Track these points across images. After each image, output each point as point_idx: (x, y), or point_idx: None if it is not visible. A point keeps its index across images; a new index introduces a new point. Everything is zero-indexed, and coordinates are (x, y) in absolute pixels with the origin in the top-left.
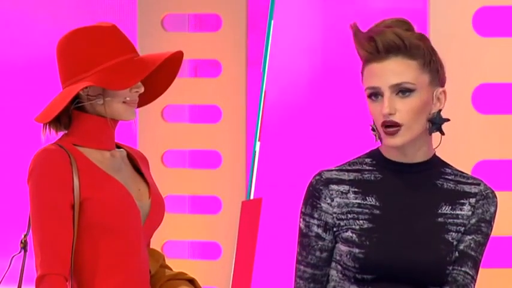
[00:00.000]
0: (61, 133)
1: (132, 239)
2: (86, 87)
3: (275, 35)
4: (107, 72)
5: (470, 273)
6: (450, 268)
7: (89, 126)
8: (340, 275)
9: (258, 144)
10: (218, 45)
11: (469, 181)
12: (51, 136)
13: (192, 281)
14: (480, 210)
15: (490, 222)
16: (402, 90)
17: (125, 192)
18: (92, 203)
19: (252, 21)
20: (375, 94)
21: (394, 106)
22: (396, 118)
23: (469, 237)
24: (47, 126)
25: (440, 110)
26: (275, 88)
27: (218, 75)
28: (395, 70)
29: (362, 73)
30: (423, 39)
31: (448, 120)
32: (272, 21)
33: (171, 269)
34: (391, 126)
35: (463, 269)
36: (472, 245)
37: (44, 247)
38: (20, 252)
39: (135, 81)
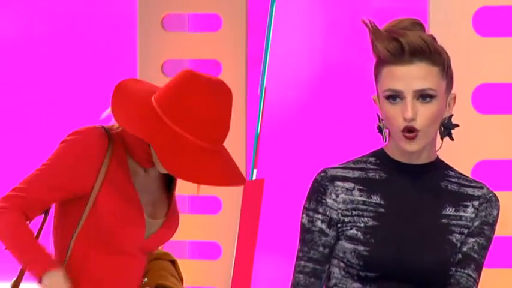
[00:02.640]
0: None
1: (127, 248)
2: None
3: (275, 35)
4: (171, 140)
5: (473, 275)
6: (453, 269)
7: (133, 142)
8: (343, 272)
9: (255, 171)
10: (218, 45)
11: (472, 184)
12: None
13: (173, 262)
14: (483, 213)
15: (492, 226)
16: (423, 96)
17: (136, 202)
18: (102, 200)
19: (252, 21)
20: (394, 97)
21: (416, 111)
22: (416, 124)
23: (472, 239)
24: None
25: (451, 116)
26: (275, 87)
27: (218, 75)
28: (419, 75)
29: (377, 72)
30: (435, 40)
31: (457, 125)
32: (272, 21)
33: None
34: (411, 131)
35: (466, 271)
36: (475, 248)
37: (29, 184)
38: None
39: (182, 176)
